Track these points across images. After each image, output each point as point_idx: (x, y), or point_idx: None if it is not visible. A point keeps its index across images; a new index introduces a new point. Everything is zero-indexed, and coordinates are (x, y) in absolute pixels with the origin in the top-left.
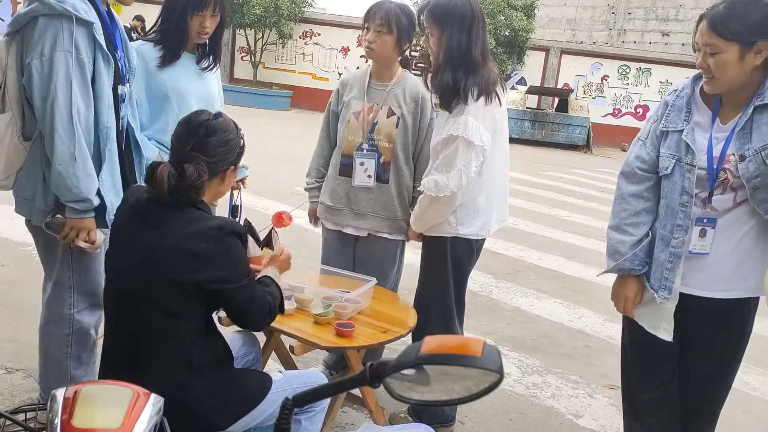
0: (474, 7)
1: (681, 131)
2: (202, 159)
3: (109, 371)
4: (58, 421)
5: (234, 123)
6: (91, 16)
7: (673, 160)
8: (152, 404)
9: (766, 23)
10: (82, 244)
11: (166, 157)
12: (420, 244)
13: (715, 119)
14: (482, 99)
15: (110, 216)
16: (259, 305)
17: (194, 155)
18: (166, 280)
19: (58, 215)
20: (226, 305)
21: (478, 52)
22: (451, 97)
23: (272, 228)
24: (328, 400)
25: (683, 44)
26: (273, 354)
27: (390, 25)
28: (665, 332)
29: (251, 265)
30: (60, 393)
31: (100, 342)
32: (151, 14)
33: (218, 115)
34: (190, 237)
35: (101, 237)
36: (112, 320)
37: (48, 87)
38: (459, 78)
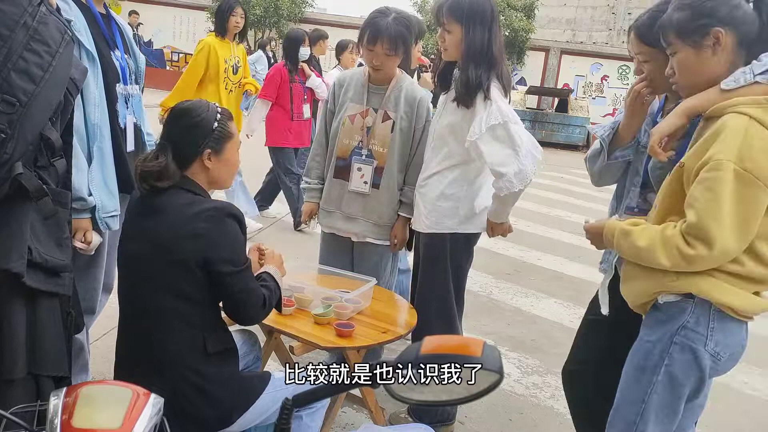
0: (492, 4)
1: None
2: (167, 145)
3: (125, 363)
4: (58, 421)
5: (207, 104)
6: (70, 14)
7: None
8: (152, 404)
9: None
10: (78, 245)
11: None
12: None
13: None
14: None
15: (100, 215)
16: (255, 296)
17: (162, 143)
18: (177, 261)
19: None
20: (223, 293)
21: (496, 49)
22: (473, 94)
23: None
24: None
25: None
26: (273, 354)
27: (398, 48)
28: (604, 306)
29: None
30: (60, 393)
31: (98, 344)
32: (151, 14)
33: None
34: (191, 218)
35: (97, 239)
36: (127, 312)
37: None
38: (480, 75)
